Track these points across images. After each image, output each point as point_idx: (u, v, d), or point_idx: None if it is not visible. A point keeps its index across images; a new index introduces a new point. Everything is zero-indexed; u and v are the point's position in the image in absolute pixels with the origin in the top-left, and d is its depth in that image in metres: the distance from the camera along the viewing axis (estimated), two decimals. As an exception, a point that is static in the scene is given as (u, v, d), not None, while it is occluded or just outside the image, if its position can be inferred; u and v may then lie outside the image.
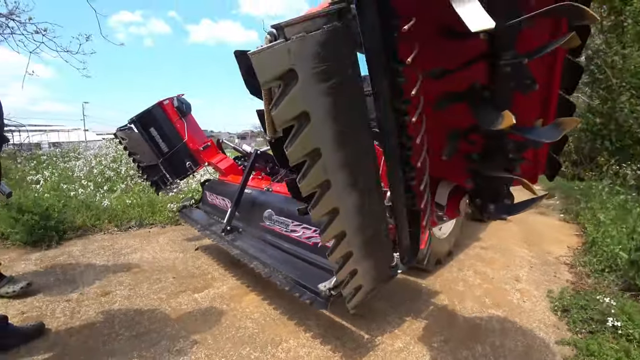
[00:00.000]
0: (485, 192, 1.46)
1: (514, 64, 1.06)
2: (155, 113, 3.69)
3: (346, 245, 1.26)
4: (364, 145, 1.16)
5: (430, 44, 1.26)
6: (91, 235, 4.33)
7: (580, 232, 5.22)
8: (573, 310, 2.70)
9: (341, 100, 1.02)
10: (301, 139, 0.98)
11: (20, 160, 8.42)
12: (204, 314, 2.46)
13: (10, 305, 2.56)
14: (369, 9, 0.98)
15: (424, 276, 3.28)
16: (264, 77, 0.88)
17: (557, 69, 1.31)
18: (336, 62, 0.97)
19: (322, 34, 0.91)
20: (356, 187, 1.18)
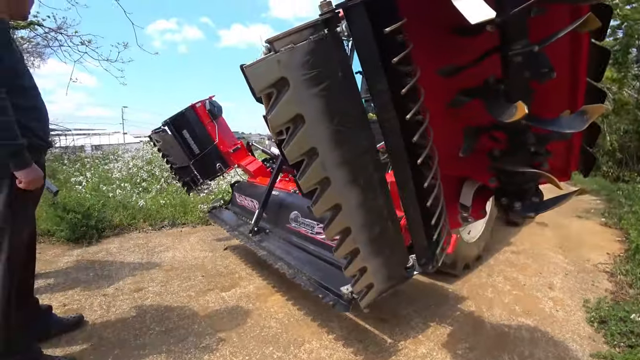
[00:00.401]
0: (510, 190, 1.42)
1: (525, 53, 1.06)
2: (188, 116, 3.79)
3: (352, 241, 1.29)
4: (362, 144, 1.20)
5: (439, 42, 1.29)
6: (127, 234, 4.57)
7: (623, 237, 4.89)
8: (611, 322, 2.54)
9: (334, 102, 1.09)
10: (297, 140, 1.06)
11: (66, 162, 9.02)
12: (230, 313, 2.54)
13: (54, 297, 2.76)
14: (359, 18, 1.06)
15: (451, 281, 3.20)
16: (257, 86, 1.00)
17: (583, 56, 1.26)
18: (325, 67, 1.05)
19: (309, 43, 1.01)
20: (357, 184, 1.22)
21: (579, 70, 1.28)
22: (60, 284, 3.01)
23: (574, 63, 1.27)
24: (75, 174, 7.07)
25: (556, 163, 1.36)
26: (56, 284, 2.99)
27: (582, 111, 1.11)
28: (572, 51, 1.26)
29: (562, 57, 1.24)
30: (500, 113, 1.11)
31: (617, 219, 5.64)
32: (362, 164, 1.22)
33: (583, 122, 1.08)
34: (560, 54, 1.23)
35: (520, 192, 1.39)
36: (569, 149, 1.50)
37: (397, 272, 1.54)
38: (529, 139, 1.25)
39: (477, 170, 1.55)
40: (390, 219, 1.40)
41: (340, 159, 1.15)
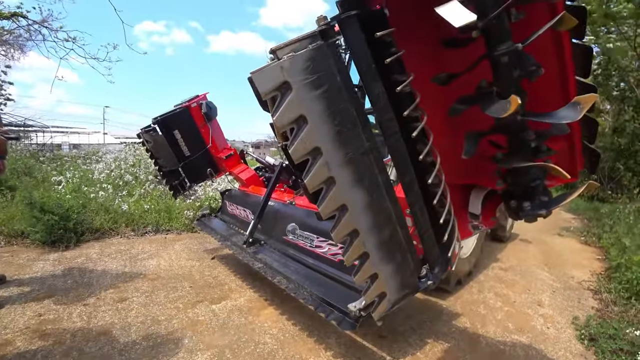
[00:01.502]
0: (518, 191, 1.45)
1: (510, 52, 1.16)
2: (182, 116, 3.63)
3: (361, 245, 1.28)
4: (364, 144, 1.24)
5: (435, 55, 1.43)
6: (108, 239, 4.37)
7: (603, 256, 5.05)
8: (601, 339, 2.60)
9: (334, 104, 1.16)
10: (301, 139, 1.12)
11: (44, 160, 8.62)
12: (222, 327, 2.43)
13: (27, 306, 2.58)
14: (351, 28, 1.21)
15: (445, 297, 3.19)
16: (263, 90, 1.08)
17: (567, 55, 1.35)
18: (324, 72, 1.14)
19: (309, 51, 1.11)
20: (362, 184, 1.24)
21: (567, 68, 1.37)
22: (35, 291, 2.82)
23: (561, 62, 1.36)
24: (53, 173, 6.75)
25: (563, 164, 1.37)
26: (30, 292, 2.80)
27: (575, 102, 1.19)
28: (557, 51, 1.34)
29: (549, 58, 1.33)
30: (495, 110, 1.19)
31: (597, 238, 5.84)
32: (366, 163, 1.25)
33: (577, 112, 1.15)
34: (547, 55, 1.33)
35: (528, 192, 1.43)
36: (572, 149, 1.56)
37: (410, 281, 1.49)
38: (528, 136, 1.31)
39: (483, 176, 1.60)
40: (399, 224, 1.39)
41: (343, 159, 1.19)
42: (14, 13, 8.77)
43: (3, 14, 8.56)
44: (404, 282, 1.45)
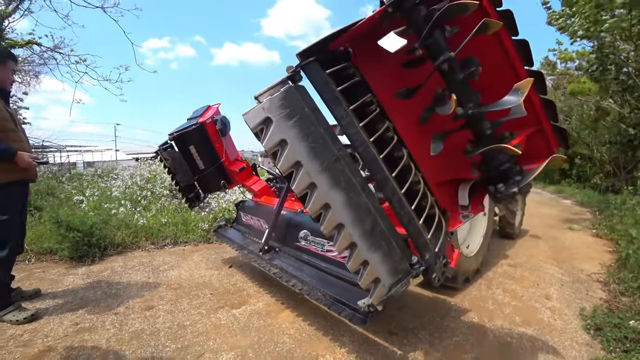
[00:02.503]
0: (493, 176, 1.65)
1: (447, 60, 1.45)
2: (197, 132, 3.68)
3: (348, 236, 1.54)
4: (335, 154, 1.56)
5: (398, 75, 1.74)
6: (130, 252, 4.59)
7: (614, 248, 5.08)
8: (606, 328, 2.68)
9: (305, 128, 1.50)
10: (285, 156, 1.46)
11: (64, 181, 8.99)
12: (243, 329, 2.60)
13: (64, 317, 2.78)
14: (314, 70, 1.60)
15: (453, 294, 3.31)
16: (252, 125, 1.46)
17: (512, 51, 1.60)
18: (295, 106, 1.50)
19: (281, 93, 1.48)
20: (339, 186, 1.54)
21: (514, 62, 1.61)
22: (69, 302, 3.03)
23: (508, 58, 1.60)
24: (73, 192, 7.08)
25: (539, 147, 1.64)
26: (65, 303, 3.01)
27: (515, 88, 1.42)
28: (502, 49, 1.59)
29: (496, 56, 1.60)
30: (443, 110, 1.53)
31: (608, 230, 5.85)
32: (339, 169, 1.56)
33: (519, 96, 1.40)
34: (494, 54, 1.60)
35: (502, 175, 1.63)
36: (542, 131, 1.76)
37: (401, 266, 1.69)
38: (485, 125, 1.56)
39: (462, 170, 1.85)
40: (379, 215, 1.65)
41: (320, 167, 1.51)
42: (28, 41, 9.24)
43: (18, 43, 9.03)
44: (395, 267, 1.66)
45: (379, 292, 1.62)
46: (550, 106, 1.69)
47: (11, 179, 2.65)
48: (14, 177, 2.67)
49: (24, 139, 2.86)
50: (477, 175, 1.76)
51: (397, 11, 1.48)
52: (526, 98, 1.44)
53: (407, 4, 1.45)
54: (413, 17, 1.48)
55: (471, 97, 1.53)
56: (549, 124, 1.73)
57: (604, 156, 11.29)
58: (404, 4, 1.45)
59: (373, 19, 1.54)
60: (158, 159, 4.15)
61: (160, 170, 8.41)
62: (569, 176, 14.37)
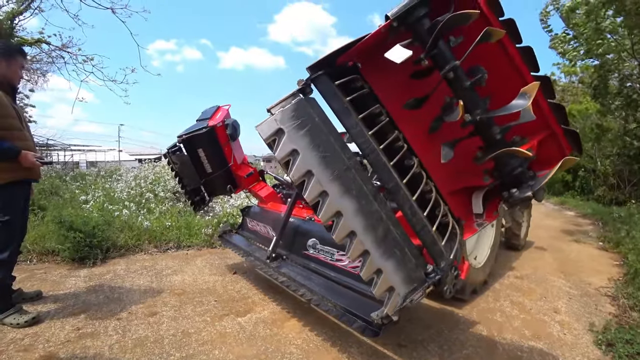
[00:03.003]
0: (506, 181, 1.65)
1: (453, 69, 1.50)
2: (207, 136, 3.61)
3: (360, 244, 1.54)
4: (345, 163, 1.59)
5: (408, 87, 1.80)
6: (132, 255, 4.55)
7: (621, 261, 5.02)
8: (618, 344, 2.63)
9: (316, 137, 1.54)
10: (297, 166, 1.49)
11: (68, 180, 8.97)
12: (248, 338, 2.56)
13: (66, 321, 2.73)
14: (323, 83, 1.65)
15: (461, 306, 3.27)
16: (264, 136, 1.50)
17: (517, 58, 1.65)
18: (305, 117, 1.53)
19: (292, 105, 1.52)
20: (350, 194, 1.56)
21: (521, 68, 1.65)
22: (71, 306, 2.98)
23: (515, 66, 1.65)
24: (77, 192, 7.05)
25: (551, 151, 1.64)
26: (66, 307, 2.96)
27: (522, 92, 1.46)
28: (508, 57, 1.65)
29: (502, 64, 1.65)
30: (451, 117, 1.57)
31: (614, 244, 5.80)
32: (350, 177, 1.58)
33: (526, 99, 1.43)
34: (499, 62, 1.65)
35: (515, 181, 1.62)
36: (554, 135, 1.76)
37: (416, 274, 1.66)
38: (494, 131, 1.57)
39: (473, 177, 1.88)
40: (392, 223, 1.64)
41: (331, 176, 1.53)
42: (37, 39, 9.29)
43: (27, 41, 9.08)
44: (409, 276, 1.63)
45: (393, 301, 1.59)
46: (559, 110, 1.71)
47: (14, 178, 2.61)
48: (17, 176, 2.63)
49: (29, 137, 2.83)
50: (489, 182, 1.75)
51: (402, 25, 1.55)
52: (534, 103, 1.48)
53: (411, 18, 1.53)
54: (417, 29, 1.55)
55: (479, 104, 1.56)
56: (559, 127, 1.74)
57: (608, 169, 11.29)
58: (408, 18, 1.52)
59: (379, 33, 1.60)
60: (166, 162, 4.10)
61: (165, 172, 8.40)
62: (573, 188, 14.34)
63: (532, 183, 1.57)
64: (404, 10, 1.51)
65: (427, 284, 1.67)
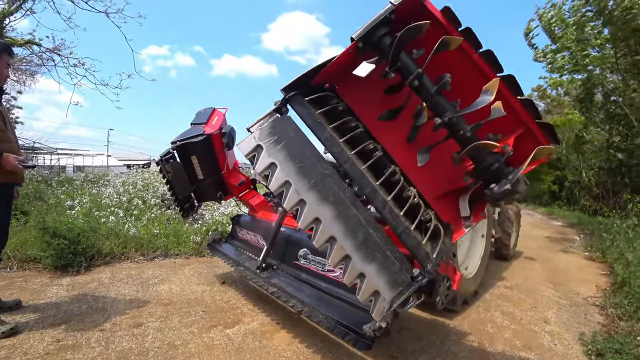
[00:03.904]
0: (486, 178, 1.68)
1: (417, 77, 1.63)
2: (203, 144, 3.49)
3: (340, 249, 1.59)
4: (321, 172, 1.70)
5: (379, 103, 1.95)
6: (118, 263, 4.43)
7: (607, 271, 5.10)
8: (608, 354, 2.65)
9: (292, 150, 1.69)
10: (275, 177, 1.64)
11: (54, 185, 8.73)
12: (237, 351, 2.49)
13: (45, 332, 2.62)
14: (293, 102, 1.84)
15: (452, 316, 3.25)
16: (245, 152, 1.68)
17: (480, 62, 1.74)
18: (281, 133, 1.72)
19: (269, 123, 1.73)
20: (327, 200, 1.64)
21: (486, 72, 1.73)
22: (51, 316, 2.86)
23: (480, 69, 1.74)
24: (62, 197, 6.86)
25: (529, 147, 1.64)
26: (47, 317, 2.84)
27: (484, 90, 1.54)
28: (473, 63, 1.75)
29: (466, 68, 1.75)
30: (420, 120, 1.75)
31: (601, 253, 5.89)
32: (326, 185, 1.68)
33: (489, 95, 1.51)
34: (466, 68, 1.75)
35: (494, 176, 1.64)
36: (530, 132, 1.82)
37: (401, 277, 1.66)
38: (465, 129, 1.64)
39: (455, 180, 1.95)
40: (371, 227, 1.69)
41: (307, 185, 1.64)
42: (28, 41, 9.14)
43: (17, 42, 8.92)
44: (394, 279, 1.63)
45: (379, 306, 1.57)
46: (530, 105, 1.76)
47: None
48: None
49: (13, 139, 2.74)
50: (470, 182, 1.80)
51: (367, 45, 1.71)
52: (504, 101, 1.57)
53: (374, 37, 1.68)
54: (381, 47, 1.69)
55: (447, 107, 1.64)
56: (534, 123, 1.78)
57: (592, 180, 11.57)
58: (371, 37, 1.68)
59: (347, 55, 1.77)
60: (159, 169, 3.95)
61: (154, 179, 8.26)
62: (559, 198, 14.62)
63: (511, 177, 1.58)
64: (366, 31, 1.67)
65: (414, 287, 1.65)
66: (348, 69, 1.85)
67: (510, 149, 1.59)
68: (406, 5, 1.68)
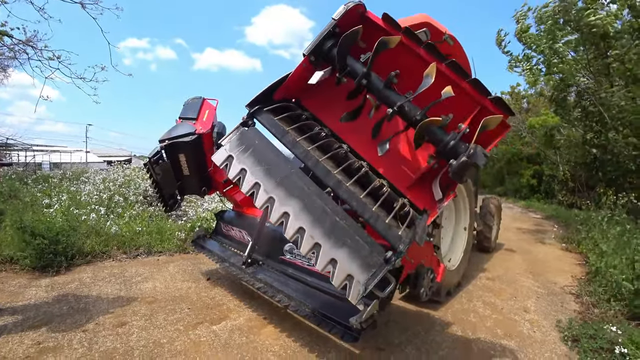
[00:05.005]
0: (445, 156, 1.77)
1: (363, 76, 1.85)
2: (193, 144, 3.39)
3: (310, 238, 1.70)
4: (286, 171, 1.90)
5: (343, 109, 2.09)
6: (100, 262, 4.33)
7: (583, 261, 5.31)
8: (583, 340, 2.77)
9: (258, 156, 1.94)
10: (246, 180, 1.87)
11: (29, 182, 8.42)
12: (224, 347, 2.48)
13: (25, 335, 2.54)
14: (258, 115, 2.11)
15: (436, 307, 3.33)
16: (218, 163, 1.96)
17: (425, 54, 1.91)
18: (247, 142, 1.99)
19: (237, 136, 2.02)
20: (293, 195, 1.81)
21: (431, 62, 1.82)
22: (31, 319, 2.78)
23: (425, 61, 1.86)
24: (39, 196, 6.63)
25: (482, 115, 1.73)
26: (26, 319, 2.76)
27: (425, 75, 1.71)
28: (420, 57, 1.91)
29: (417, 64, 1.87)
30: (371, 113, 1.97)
31: (576, 244, 6.13)
32: (292, 182, 1.86)
33: (430, 78, 1.69)
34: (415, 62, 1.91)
35: (452, 153, 1.73)
36: (485, 109, 1.89)
37: (373, 260, 1.70)
38: (415, 113, 1.80)
39: (420, 165, 2.12)
40: (338, 215, 1.80)
41: (274, 184, 1.83)
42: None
43: (-13, 32, 8.46)
44: (366, 262, 1.69)
45: (354, 289, 1.62)
46: (477, 84, 1.87)
47: None
48: None
49: None
50: (433, 163, 1.91)
51: (319, 57, 1.95)
52: (454, 85, 1.75)
53: (322, 50, 1.92)
54: (331, 57, 1.91)
55: (398, 97, 1.80)
56: (485, 100, 1.88)
57: (567, 174, 12.00)
58: (320, 50, 1.92)
59: (301, 69, 2.03)
60: (146, 170, 3.80)
61: (135, 175, 8.07)
62: (538, 192, 15.08)
63: (466, 150, 1.66)
64: (314, 46, 1.91)
65: (388, 267, 1.68)
66: (308, 83, 2.03)
67: (465, 127, 1.70)
68: (347, 18, 1.92)
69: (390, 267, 1.67)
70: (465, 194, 3.88)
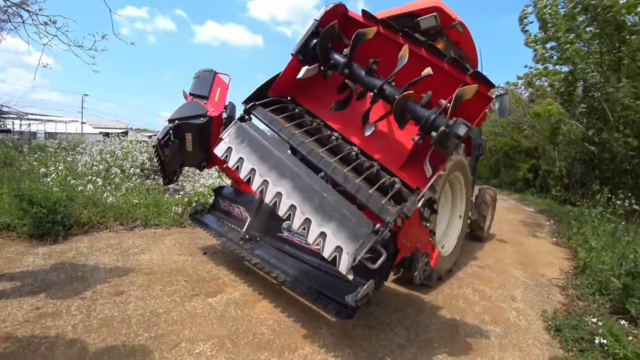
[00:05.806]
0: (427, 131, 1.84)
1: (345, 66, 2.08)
2: (204, 126, 3.30)
3: (300, 214, 1.88)
4: (277, 157, 2.12)
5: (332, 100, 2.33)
6: (97, 233, 4.36)
7: (572, 256, 5.42)
8: (565, 330, 2.87)
9: (253, 146, 2.22)
10: (243, 168, 2.16)
11: (25, 150, 8.34)
12: (219, 319, 2.54)
13: (24, 300, 2.58)
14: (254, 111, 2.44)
15: (427, 291, 3.41)
16: (220, 154, 2.31)
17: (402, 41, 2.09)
18: (244, 134, 2.29)
19: (234, 129, 2.35)
20: (285, 177, 2.01)
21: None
22: (29, 285, 2.81)
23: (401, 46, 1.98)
24: (35, 165, 6.59)
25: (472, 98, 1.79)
26: (24, 286, 2.79)
27: (399, 57, 1.88)
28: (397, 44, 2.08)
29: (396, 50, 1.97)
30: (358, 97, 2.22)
31: (567, 239, 6.24)
32: (283, 165, 2.07)
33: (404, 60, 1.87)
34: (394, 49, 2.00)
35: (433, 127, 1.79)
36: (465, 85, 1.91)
37: (360, 231, 1.77)
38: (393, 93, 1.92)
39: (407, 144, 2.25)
40: (326, 192, 1.94)
41: (268, 168, 2.08)
42: (-12, -8, 8.38)
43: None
44: (354, 233, 1.76)
45: (344, 260, 1.70)
46: (455, 61, 1.97)
47: None
48: None
49: None
50: (417, 139, 1.95)
51: (306, 55, 2.22)
52: (433, 65, 1.93)
53: (308, 48, 2.19)
54: (316, 54, 2.14)
55: (376, 82, 1.97)
56: (465, 76, 1.94)
57: (563, 170, 12.09)
58: (306, 48, 2.19)
59: (290, 68, 2.34)
60: (154, 152, 3.69)
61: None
62: (533, 186, 15.20)
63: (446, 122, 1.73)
64: (300, 46, 2.18)
65: (377, 238, 1.73)
66: (299, 80, 2.32)
67: (446, 102, 1.75)
68: (329, 17, 2.17)
69: (378, 238, 1.72)
70: (464, 182, 3.92)
